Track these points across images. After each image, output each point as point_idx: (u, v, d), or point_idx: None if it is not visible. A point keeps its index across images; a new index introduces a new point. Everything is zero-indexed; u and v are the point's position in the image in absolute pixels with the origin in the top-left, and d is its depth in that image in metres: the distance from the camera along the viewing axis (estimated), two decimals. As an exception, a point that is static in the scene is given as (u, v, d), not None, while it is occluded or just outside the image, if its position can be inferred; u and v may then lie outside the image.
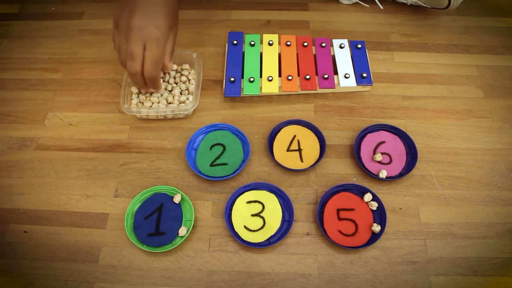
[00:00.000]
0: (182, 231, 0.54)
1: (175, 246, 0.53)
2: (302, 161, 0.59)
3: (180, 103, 0.63)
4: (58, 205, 0.57)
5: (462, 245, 0.53)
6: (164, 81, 0.66)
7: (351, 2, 0.79)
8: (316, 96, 0.66)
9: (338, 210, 0.55)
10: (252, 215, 0.55)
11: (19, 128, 0.64)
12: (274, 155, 0.59)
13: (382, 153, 0.59)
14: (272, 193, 0.56)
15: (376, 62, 0.70)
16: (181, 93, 0.65)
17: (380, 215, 0.55)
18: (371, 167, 0.58)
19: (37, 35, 0.76)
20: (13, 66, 0.72)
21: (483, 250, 0.53)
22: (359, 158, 0.59)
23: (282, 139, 0.61)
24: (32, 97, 0.68)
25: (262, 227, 0.54)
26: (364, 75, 0.65)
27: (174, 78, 0.66)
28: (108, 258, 0.53)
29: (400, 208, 0.56)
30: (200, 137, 0.62)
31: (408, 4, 0.77)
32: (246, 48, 0.68)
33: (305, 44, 0.68)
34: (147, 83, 0.56)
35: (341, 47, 0.68)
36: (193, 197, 0.57)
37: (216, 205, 0.57)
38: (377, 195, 0.55)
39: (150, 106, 0.62)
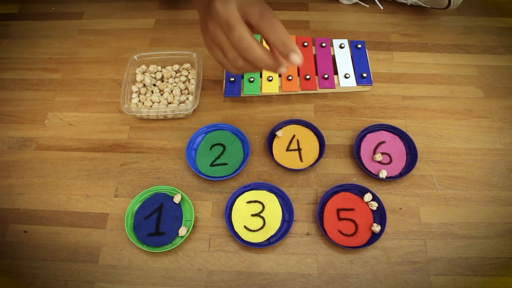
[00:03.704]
0: (182, 231, 0.54)
1: (175, 246, 0.53)
2: (301, 160, 0.59)
3: (180, 103, 0.63)
4: (58, 205, 0.57)
5: (462, 245, 0.53)
6: (164, 80, 0.66)
7: (351, 2, 0.79)
8: (316, 96, 0.66)
9: (338, 210, 0.55)
10: (252, 215, 0.55)
11: (19, 128, 0.64)
12: (274, 155, 0.59)
13: (382, 153, 0.59)
14: (272, 193, 0.56)
15: (376, 62, 0.70)
16: (181, 93, 0.65)
17: (380, 215, 0.55)
18: (371, 167, 0.58)
19: (37, 35, 0.76)
20: (13, 66, 0.72)
21: (483, 250, 0.53)
22: (359, 158, 0.59)
23: (282, 139, 0.61)
24: (32, 97, 0.68)
25: (262, 227, 0.54)
26: (364, 75, 0.65)
27: (174, 78, 0.67)
28: (108, 258, 0.53)
29: (400, 208, 0.56)
30: (200, 137, 0.62)
31: (408, 4, 0.77)
32: (246, 48, 0.68)
33: (305, 44, 0.68)
34: (278, 44, 0.40)
35: (341, 47, 0.68)
36: (193, 197, 0.57)
37: (216, 205, 0.57)
38: (377, 195, 0.55)
39: (150, 106, 0.62)
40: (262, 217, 0.55)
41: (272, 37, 0.40)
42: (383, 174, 0.57)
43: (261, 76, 0.65)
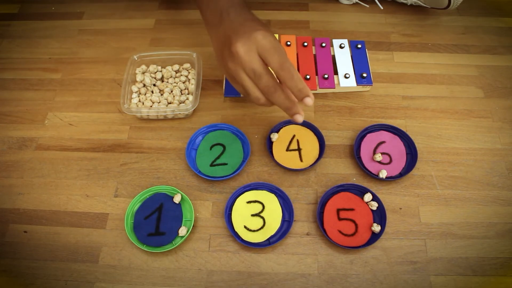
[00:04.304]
0: (182, 231, 0.54)
1: (175, 246, 0.53)
2: (301, 160, 0.59)
3: (180, 103, 0.63)
4: (58, 205, 0.57)
5: (462, 245, 0.53)
6: (164, 80, 0.66)
7: (351, 2, 0.79)
8: (316, 96, 0.66)
9: (338, 210, 0.55)
10: (252, 215, 0.55)
11: (19, 128, 0.64)
12: (274, 155, 0.59)
13: (382, 153, 0.59)
14: (272, 193, 0.56)
15: (376, 62, 0.70)
16: (181, 93, 0.65)
17: (380, 215, 0.55)
18: (371, 167, 0.58)
19: (37, 35, 0.76)
20: (13, 66, 0.72)
21: (483, 250, 0.53)
22: (359, 158, 0.59)
23: (281, 138, 0.61)
24: (32, 97, 0.68)
25: (262, 227, 0.54)
26: (364, 75, 0.65)
27: (174, 78, 0.67)
28: (108, 258, 0.53)
29: (400, 208, 0.56)
30: (200, 137, 0.62)
31: (408, 4, 0.77)
32: (246, 48, 0.68)
33: (305, 44, 0.68)
34: (295, 90, 0.45)
35: (341, 47, 0.68)
36: (193, 197, 0.57)
37: (216, 205, 0.57)
38: (377, 195, 0.55)
39: (150, 106, 0.62)
40: (262, 217, 0.55)
41: (290, 85, 0.45)
42: (383, 174, 0.57)
43: (261, 76, 0.65)
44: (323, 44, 0.68)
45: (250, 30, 0.45)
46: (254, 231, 0.54)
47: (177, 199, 0.56)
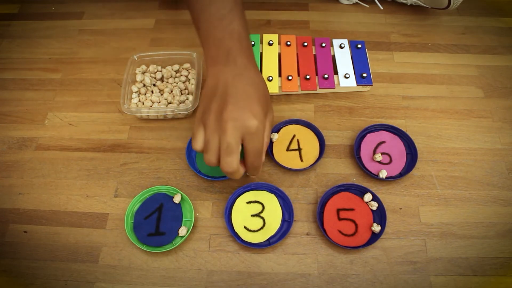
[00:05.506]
0: (182, 231, 0.54)
1: (175, 246, 0.53)
2: (302, 160, 0.59)
3: (180, 103, 0.63)
4: (58, 205, 0.57)
5: (462, 245, 0.53)
6: (163, 80, 0.66)
7: (351, 2, 0.79)
8: (316, 96, 0.66)
9: (338, 210, 0.55)
10: (252, 216, 0.55)
11: (19, 128, 0.64)
12: (274, 154, 0.59)
13: (382, 153, 0.59)
14: (272, 193, 0.56)
15: (376, 62, 0.70)
16: (181, 93, 0.65)
17: (380, 215, 0.55)
18: (371, 167, 0.58)
19: (37, 35, 0.76)
20: (13, 66, 0.72)
21: (483, 250, 0.53)
22: (359, 158, 0.59)
23: (281, 138, 0.61)
24: (32, 97, 0.68)
25: (262, 228, 0.54)
26: (364, 75, 0.65)
27: (174, 78, 0.67)
28: (108, 258, 0.53)
29: (400, 208, 0.56)
30: (200, 137, 0.62)
31: (408, 4, 0.77)
32: (246, 48, 0.68)
33: (305, 44, 0.68)
34: (248, 172, 0.50)
35: (341, 47, 0.68)
36: (193, 197, 0.57)
37: (216, 205, 0.57)
38: (377, 195, 0.55)
39: (150, 106, 0.62)
40: (262, 218, 0.55)
41: (248, 166, 0.49)
42: (383, 174, 0.57)
43: (261, 76, 0.65)
44: (323, 44, 0.68)
45: (248, 110, 0.45)
46: (254, 231, 0.54)
47: (177, 199, 0.56)
